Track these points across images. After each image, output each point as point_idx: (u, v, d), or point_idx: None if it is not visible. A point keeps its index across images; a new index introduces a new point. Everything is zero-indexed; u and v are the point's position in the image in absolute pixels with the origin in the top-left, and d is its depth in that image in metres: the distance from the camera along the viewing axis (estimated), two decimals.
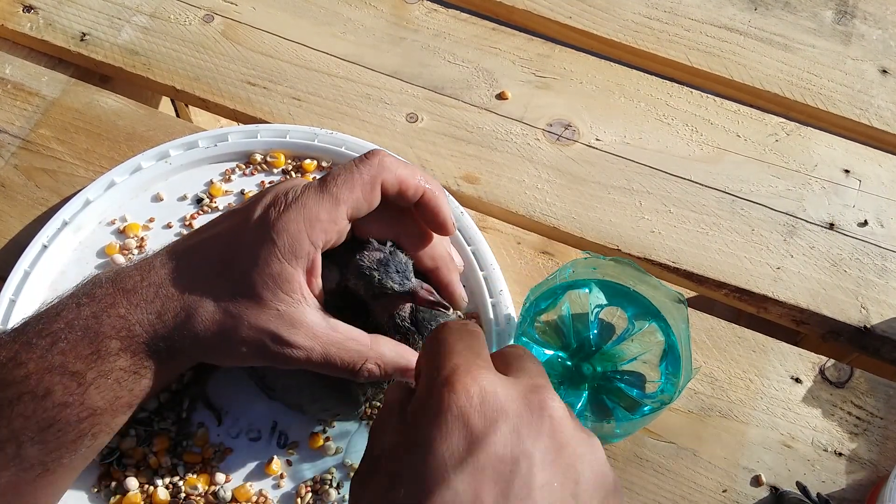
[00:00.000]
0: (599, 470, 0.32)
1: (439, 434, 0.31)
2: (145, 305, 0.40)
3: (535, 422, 0.31)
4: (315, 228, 0.40)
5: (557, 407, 0.32)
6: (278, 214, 0.40)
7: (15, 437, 0.37)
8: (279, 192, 0.41)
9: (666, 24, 0.67)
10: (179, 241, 0.43)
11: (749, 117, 0.63)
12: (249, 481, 0.47)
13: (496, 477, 0.30)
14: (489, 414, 0.31)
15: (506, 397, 0.32)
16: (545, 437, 0.31)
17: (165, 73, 0.62)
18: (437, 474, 0.30)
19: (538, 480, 0.30)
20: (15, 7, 0.65)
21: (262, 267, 0.40)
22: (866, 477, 0.49)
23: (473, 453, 0.30)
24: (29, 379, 0.37)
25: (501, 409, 0.31)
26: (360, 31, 0.65)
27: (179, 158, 0.56)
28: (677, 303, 0.48)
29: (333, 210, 0.41)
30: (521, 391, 0.32)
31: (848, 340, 0.55)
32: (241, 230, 0.41)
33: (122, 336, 0.39)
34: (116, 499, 0.45)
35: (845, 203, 0.59)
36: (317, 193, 0.41)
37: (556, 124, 0.62)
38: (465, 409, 0.31)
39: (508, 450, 0.31)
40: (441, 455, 0.30)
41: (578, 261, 0.49)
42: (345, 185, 0.41)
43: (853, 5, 0.69)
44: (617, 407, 0.48)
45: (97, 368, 0.38)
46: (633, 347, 0.49)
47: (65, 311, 0.39)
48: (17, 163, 0.58)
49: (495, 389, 0.32)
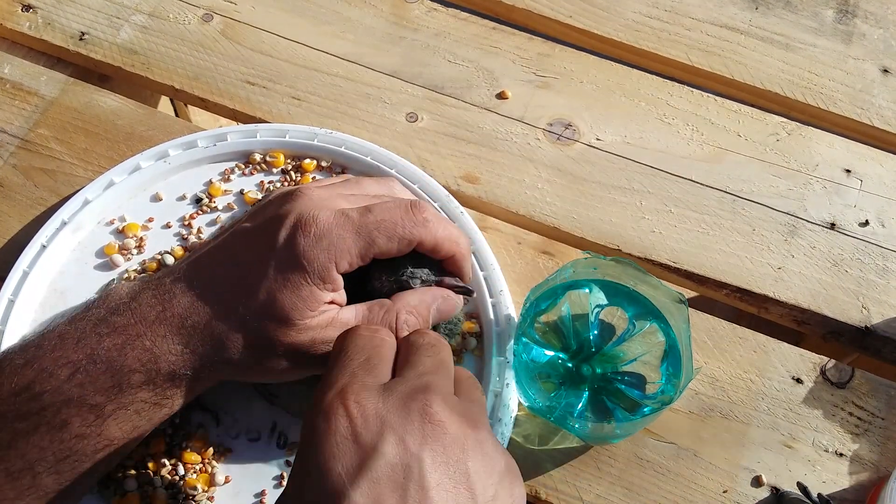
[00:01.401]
0: (488, 459, 0.34)
1: (332, 455, 0.32)
2: (171, 337, 0.39)
3: (417, 428, 0.33)
4: (343, 261, 0.40)
5: (438, 410, 0.34)
6: (309, 244, 0.40)
7: (30, 468, 0.37)
8: (305, 215, 0.40)
9: (666, 24, 0.67)
10: (196, 265, 0.42)
11: (750, 117, 0.63)
12: (249, 481, 0.47)
13: (392, 485, 0.32)
14: (373, 429, 0.33)
15: (386, 410, 0.34)
16: (430, 440, 0.33)
17: (164, 73, 0.62)
18: (337, 494, 0.32)
19: (431, 481, 0.32)
20: (14, 6, 0.65)
21: (293, 289, 0.40)
22: (867, 477, 0.49)
23: (366, 467, 0.32)
24: (45, 411, 0.37)
25: (385, 422, 0.33)
26: (360, 30, 0.65)
27: (178, 158, 0.56)
28: (678, 303, 0.48)
29: (366, 251, 0.41)
30: (400, 401, 0.34)
31: (849, 341, 0.55)
32: (267, 255, 0.40)
33: (147, 369, 0.39)
34: (116, 499, 0.45)
35: (846, 203, 0.59)
36: (354, 231, 0.40)
37: (557, 124, 0.62)
38: (351, 429, 0.33)
39: (398, 458, 0.32)
40: (337, 474, 0.32)
41: (579, 261, 0.49)
42: (384, 232, 0.41)
43: (854, 4, 0.69)
44: (617, 408, 0.48)
45: (117, 401, 0.38)
46: (634, 348, 0.49)
47: (85, 341, 0.39)
48: (15, 162, 0.57)
49: (377, 405, 0.34)
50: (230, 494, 0.46)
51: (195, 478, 0.46)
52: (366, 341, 0.37)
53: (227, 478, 0.47)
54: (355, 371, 0.36)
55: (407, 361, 0.37)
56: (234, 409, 0.49)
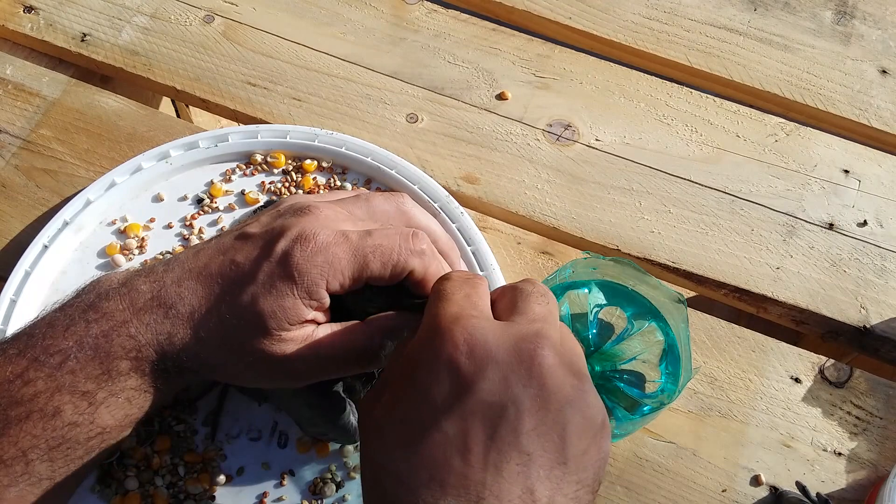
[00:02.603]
0: (588, 413, 0.34)
1: (432, 379, 0.33)
2: (155, 326, 0.39)
3: (523, 370, 0.33)
4: (335, 280, 0.40)
5: (548, 355, 0.33)
6: (304, 257, 0.40)
7: (23, 455, 0.37)
8: (307, 231, 0.40)
9: (665, 25, 0.67)
10: (193, 258, 0.42)
11: (748, 117, 0.63)
12: (250, 481, 0.47)
13: (484, 421, 0.32)
14: (478, 361, 0.33)
15: (496, 345, 0.33)
16: (534, 384, 0.33)
17: (166, 74, 0.62)
18: (430, 417, 0.32)
19: (525, 426, 0.32)
20: (16, 7, 0.65)
21: (277, 297, 0.39)
22: (866, 477, 0.49)
23: (462, 398, 0.32)
24: (38, 398, 0.37)
25: (490, 357, 0.33)
26: (361, 31, 0.65)
27: (180, 159, 0.56)
28: (677, 303, 0.48)
29: (359, 272, 0.40)
30: (512, 339, 0.34)
31: (847, 340, 0.55)
32: (261, 261, 0.40)
33: (132, 357, 0.39)
34: (116, 499, 0.46)
35: (845, 203, 0.59)
36: (350, 252, 0.40)
37: (556, 124, 0.62)
38: (455, 357, 0.33)
39: (496, 396, 0.32)
40: (433, 399, 0.32)
41: (578, 261, 0.49)
42: (380, 257, 0.40)
43: (853, 6, 0.69)
44: (617, 407, 0.48)
45: (107, 388, 0.38)
46: (633, 347, 0.49)
47: (74, 327, 0.39)
48: (17, 163, 0.58)
49: (485, 338, 0.33)
50: (231, 494, 0.46)
51: (196, 477, 0.46)
52: (462, 280, 0.37)
53: (227, 477, 0.47)
54: (462, 304, 0.35)
55: (515, 307, 0.36)
56: (234, 408, 0.49)
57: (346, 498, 0.46)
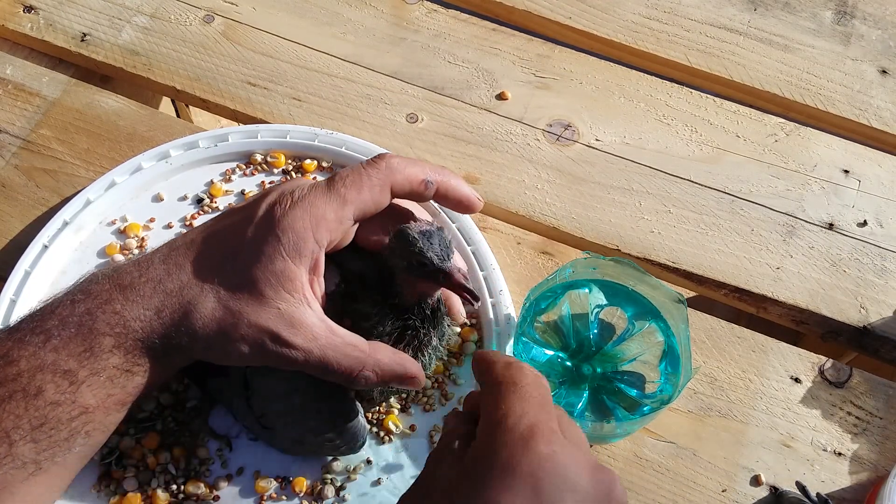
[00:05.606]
0: None
1: (506, 491, 0.31)
2: (142, 301, 0.39)
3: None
4: (321, 227, 0.40)
5: (620, 492, 0.33)
6: (284, 212, 0.40)
7: (6, 436, 0.37)
8: (285, 191, 0.41)
9: (665, 25, 0.67)
10: (180, 237, 0.43)
11: (748, 117, 0.63)
12: (251, 481, 0.47)
13: None
14: (560, 485, 0.31)
15: (577, 473, 0.32)
16: None
17: (166, 74, 0.62)
18: None
19: None
20: (16, 7, 0.65)
21: (266, 263, 0.39)
22: (866, 477, 0.49)
23: None
24: (20, 377, 0.37)
25: (572, 484, 0.31)
26: (361, 31, 0.65)
27: (180, 158, 0.56)
28: (677, 303, 0.48)
29: (340, 210, 0.40)
30: (589, 469, 0.33)
31: (847, 340, 0.55)
32: (245, 226, 0.41)
33: (117, 333, 0.39)
34: (116, 499, 0.46)
35: (844, 203, 0.59)
36: (324, 193, 0.41)
37: (556, 124, 0.62)
38: (538, 475, 0.31)
39: None
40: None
41: (578, 261, 0.49)
42: (353, 186, 0.41)
43: (853, 6, 0.69)
44: (617, 407, 0.48)
45: (90, 366, 0.38)
46: (633, 347, 0.49)
47: (59, 308, 0.39)
48: (17, 163, 0.58)
49: (567, 462, 0.32)
50: (231, 494, 0.46)
51: (196, 478, 0.46)
52: (537, 384, 0.36)
53: (227, 477, 0.47)
54: (538, 411, 0.34)
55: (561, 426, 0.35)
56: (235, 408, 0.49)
57: (346, 498, 0.46)
